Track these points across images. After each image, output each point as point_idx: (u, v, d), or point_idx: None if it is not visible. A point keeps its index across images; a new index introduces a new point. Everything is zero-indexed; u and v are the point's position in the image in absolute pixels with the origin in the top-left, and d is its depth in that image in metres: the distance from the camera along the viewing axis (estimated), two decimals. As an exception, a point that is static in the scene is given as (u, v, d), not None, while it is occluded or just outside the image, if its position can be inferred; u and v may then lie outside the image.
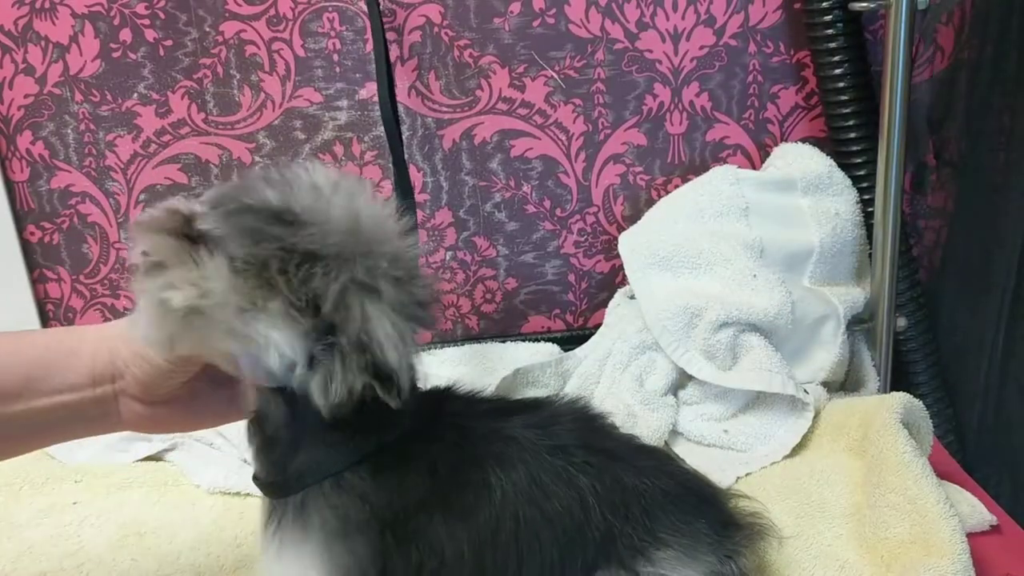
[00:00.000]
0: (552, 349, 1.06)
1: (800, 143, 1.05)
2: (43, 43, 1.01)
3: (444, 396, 0.67)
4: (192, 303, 0.54)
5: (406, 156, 1.03)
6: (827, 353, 0.98)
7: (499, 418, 0.65)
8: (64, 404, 0.62)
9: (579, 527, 0.61)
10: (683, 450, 0.92)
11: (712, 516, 0.64)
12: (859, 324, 1.01)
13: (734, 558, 0.63)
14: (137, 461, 0.94)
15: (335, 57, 1.03)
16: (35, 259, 1.08)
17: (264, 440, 0.61)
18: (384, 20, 1.00)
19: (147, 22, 1.01)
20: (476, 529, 0.59)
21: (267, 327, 0.53)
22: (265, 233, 0.54)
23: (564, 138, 1.07)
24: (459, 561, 0.59)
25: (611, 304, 1.05)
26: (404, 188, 0.96)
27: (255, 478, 0.62)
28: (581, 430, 0.66)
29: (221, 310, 0.54)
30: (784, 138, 1.09)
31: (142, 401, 0.63)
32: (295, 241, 0.53)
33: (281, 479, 0.60)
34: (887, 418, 0.81)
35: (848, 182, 1.02)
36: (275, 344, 0.54)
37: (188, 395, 0.64)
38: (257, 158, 1.06)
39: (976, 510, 0.78)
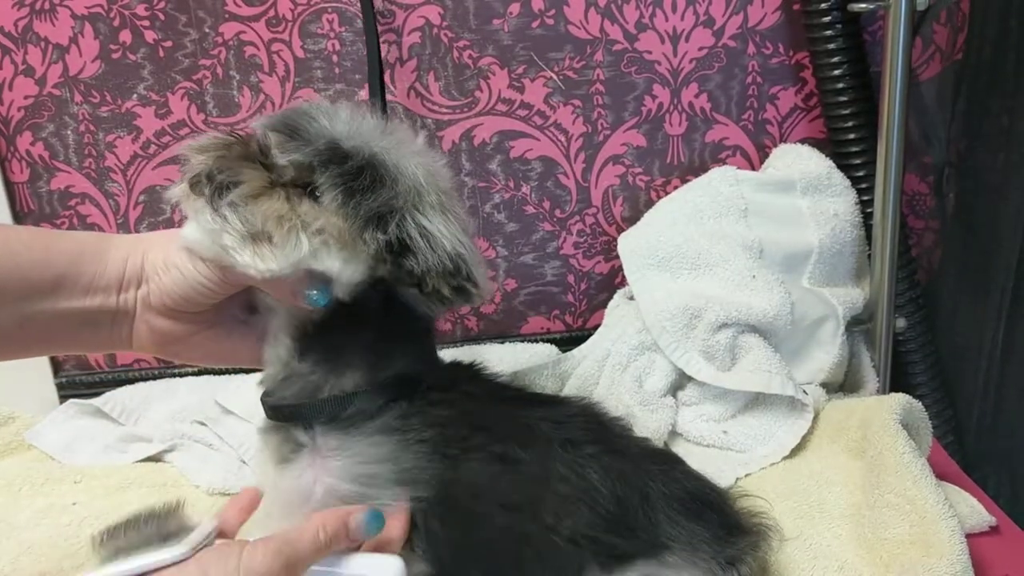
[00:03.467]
0: (551, 350, 1.06)
1: (799, 144, 1.05)
2: (43, 44, 1.01)
3: (471, 373, 0.69)
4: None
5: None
6: (826, 354, 0.98)
7: (520, 405, 0.66)
8: (84, 310, 0.61)
9: (584, 521, 0.61)
10: (682, 451, 0.92)
11: (716, 521, 0.64)
12: (858, 325, 1.01)
13: (736, 564, 0.63)
14: (136, 462, 0.94)
15: (334, 58, 1.03)
16: (35, 260, 1.08)
17: (300, 364, 0.63)
18: (383, 21, 1.00)
19: (147, 23, 1.01)
20: (500, 492, 0.61)
21: (340, 252, 0.58)
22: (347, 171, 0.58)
23: (563, 139, 1.07)
24: (484, 513, 0.60)
25: (610, 305, 1.05)
26: None
27: (274, 407, 0.63)
28: (595, 430, 0.67)
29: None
30: (783, 139, 1.09)
31: (162, 314, 0.62)
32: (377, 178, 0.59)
33: (314, 402, 0.62)
34: (886, 419, 0.81)
35: (847, 183, 1.02)
36: (344, 267, 0.58)
37: (210, 321, 0.64)
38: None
39: (975, 511, 0.78)
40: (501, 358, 1.05)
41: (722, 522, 0.65)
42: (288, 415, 0.62)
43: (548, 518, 0.61)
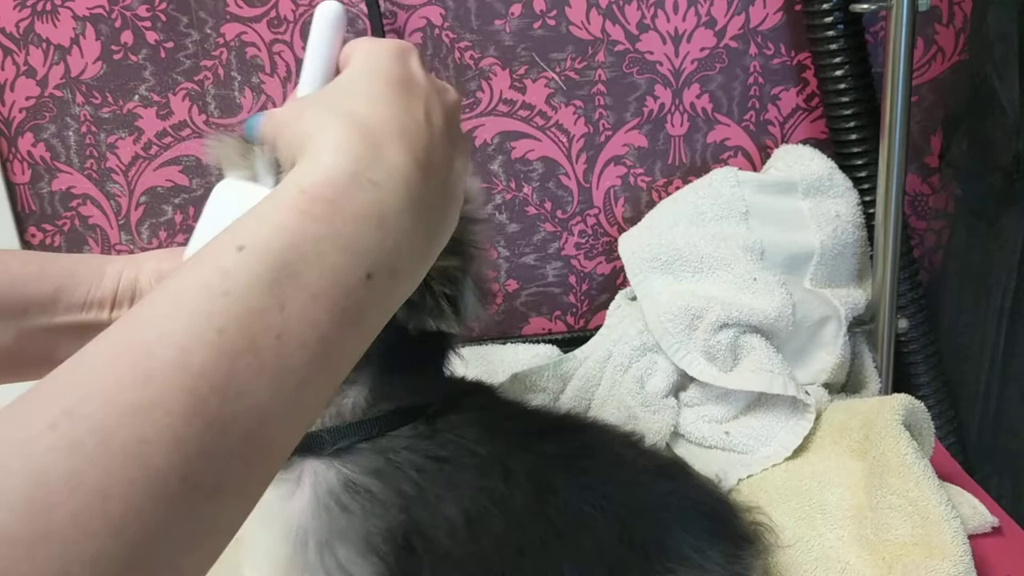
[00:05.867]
0: (552, 351, 1.06)
1: (801, 145, 1.05)
2: (44, 45, 1.01)
3: (478, 400, 0.68)
4: None
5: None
6: (828, 355, 0.98)
7: (525, 436, 0.65)
8: (81, 323, 0.61)
9: (590, 555, 0.61)
10: (684, 452, 0.92)
11: (725, 536, 0.64)
12: (860, 325, 1.01)
13: None
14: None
15: (336, 59, 1.03)
16: (36, 261, 1.08)
17: None
18: (385, 22, 1.00)
19: (148, 24, 1.01)
20: (491, 536, 0.60)
21: None
22: None
23: (565, 140, 1.07)
24: (465, 562, 0.59)
25: (612, 306, 1.05)
26: None
27: None
28: (603, 456, 0.66)
29: None
30: (785, 140, 1.09)
31: None
32: None
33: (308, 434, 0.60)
34: (888, 420, 0.81)
35: (849, 184, 1.02)
36: None
37: None
38: (258, 160, 1.06)
39: (977, 512, 0.78)
40: (502, 359, 1.05)
41: (730, 536, 0.65)
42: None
43: (550, 560, 0.60)
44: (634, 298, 1.02)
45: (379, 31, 0.97)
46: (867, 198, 1.01)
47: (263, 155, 0.51)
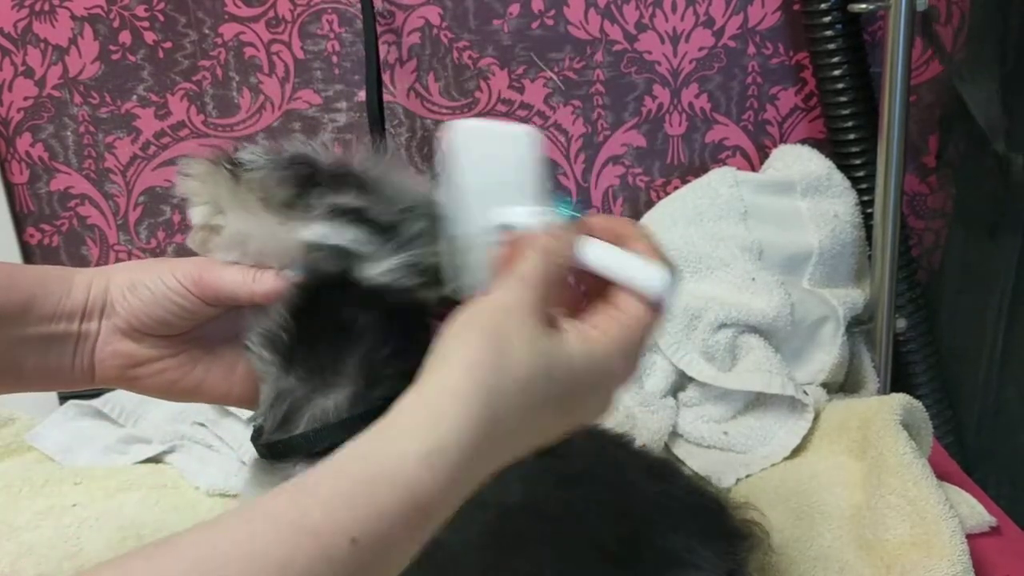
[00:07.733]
0: (551, 351, 1.06)
1: (799, 145, 1.05)
2: (43, 45, 1.01)
3: None
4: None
5: (405, 159, 1.04)
6: (826, 354, 0.98)
7: None
8: (51, 335, 0.59)
9: (582, 555, 0.61)
10: (683, 452, 0.92)
11: (718, 534, 0.64)
12: (859, 325, 1.01)
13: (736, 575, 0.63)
14: (136, 463, 0.94)
15: (334, 59, 1.03)
16: (35, 261, 1.08)
17: (283, 387, 0.59)
18: (383, 22, 1.00)
19: (146, 24, 1.01)
20: (481, 530, 0.60)
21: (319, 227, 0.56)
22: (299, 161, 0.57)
23: (563, 139, 1.07)
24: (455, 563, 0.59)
25: (611, 306, 1.05)
26: None
27: (263, 443, 0.59)
28: (591, 456, 0.66)
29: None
30: (783, 139, 1.09)
31: (128, 336, 0.61)
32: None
33: (297, 435, 0.58)
34: (887, 419, 0.81)
35: (847, 184, 1.02)
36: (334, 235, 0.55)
37: (177, 347, 0.62)
38: (256, 160, 1.06)
39: (976, 511, 0.78)
40: (501, 359, 1.05)
41: (723, 534, 0.65)
42: (277, 452, 0.60)
43: (535, 559, 0.60)
44: (632, 298, 1.02)
45: (372, 30, 0.97)
46: (865, 198, 1.01)
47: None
